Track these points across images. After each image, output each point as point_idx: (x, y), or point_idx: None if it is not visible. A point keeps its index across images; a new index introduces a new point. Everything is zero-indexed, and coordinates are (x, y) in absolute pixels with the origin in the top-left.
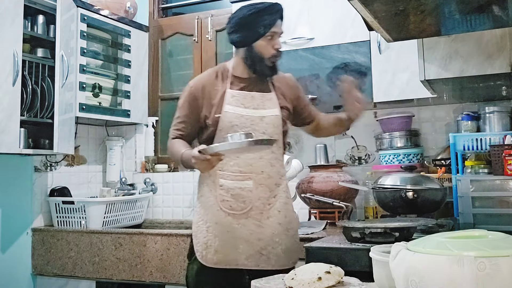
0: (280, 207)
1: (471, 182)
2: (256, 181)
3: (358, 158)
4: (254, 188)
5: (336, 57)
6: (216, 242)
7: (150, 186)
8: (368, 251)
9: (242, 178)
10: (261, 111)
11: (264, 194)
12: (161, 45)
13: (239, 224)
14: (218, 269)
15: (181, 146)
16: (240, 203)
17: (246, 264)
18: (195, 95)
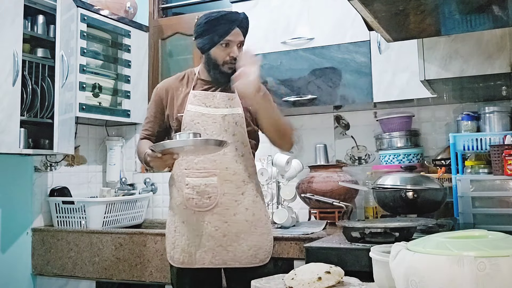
0: (249, 205)
1: (471, 182)
2: (221, 177)
3: (358, 158)
4: (219, 184)
5: (336, 57)
6: (183, 241)
7: (150, 186)
8: (368, 251)
9: (207, 175)
10: (223, 110)
11: (230, 190)
12: (161, 45)
13: (204, 222)
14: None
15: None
16: (205, 199)
17: (213, 262)
18: (160, 96)
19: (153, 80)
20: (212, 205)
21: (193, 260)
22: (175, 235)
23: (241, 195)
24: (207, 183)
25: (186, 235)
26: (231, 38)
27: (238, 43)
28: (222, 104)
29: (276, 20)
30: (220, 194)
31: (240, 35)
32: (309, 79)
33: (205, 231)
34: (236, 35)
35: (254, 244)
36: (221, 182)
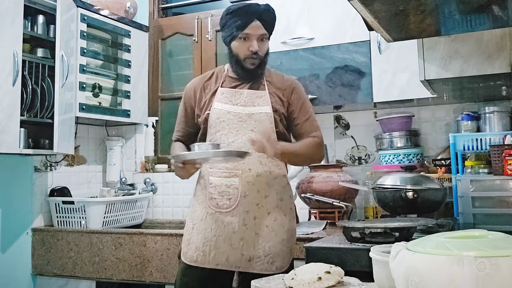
0: (271, 209)
1: (471, 182)
2: (243, 178)
3: (358, 158)
4: (240, 185)
5: (336, 57)
6: (199, 239)
7: (150, 186)
8: (368, 251)
9: (228, 175)
10: (250, 108)
11: (252, 192)
12: (161, 45)
13: (223, 223)
14: (203, 269)
15: (177, 150)
16: (225, 200)
17: (227, 265)
18: (188, 95)
19: (153, 80)
20: (232, 206)
21: (206, 259)
22: (192, 232)
23: (264, 198)
24: (228, 184)
25: (202, 234)
26: (249, 32)
27: (259, 36)
28: (249, 102)
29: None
30: (241, 196)
31: (259, 28)
32: (309, 79)
33: (222, 232)
34: (255, 28)
35: (272, 251)
36: (243, 183)
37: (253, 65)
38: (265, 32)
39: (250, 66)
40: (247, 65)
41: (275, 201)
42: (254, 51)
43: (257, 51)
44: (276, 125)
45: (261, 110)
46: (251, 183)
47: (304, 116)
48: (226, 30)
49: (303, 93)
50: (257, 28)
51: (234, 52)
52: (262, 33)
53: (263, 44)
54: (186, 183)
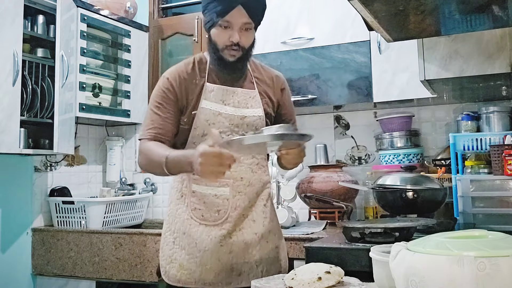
0: (256, 217)
1: (471, 182)
2: (234, 188)
3: (358, 158)
4: (231, 196)
5: (336, 57)
6: (182, 255)
7: (150, 186)
8: (368, 251)
9: (218, 184)
10: (243, 110)
11: (242, 203)
12: (161, 45)
13: (209, 236)
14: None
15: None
16: (213, 212)
17: (215, 283)
18: (172, 85)
19: (153, 80)
20: (221, 219)
21: (192, 278)
22: (174, 248)
23: (250, 207)
24: (217, 194)
25: (186, 249)
26: (231, 19)
27: (241, 25)
28: (243, 103)
29: (276, 20)
30: (231, 208)
31: (243, 16)
32: (309, 79)
33: (209, 246)
34: (238, 16)
35: (264, 260)
36: (233, 194)
37: (233, 57)
38: (250, 21)
39: (229, 58)
40: (226, 57)
41: (261, 207)
42: (235, 42)
43: (238, 42)
44: None
45: (254, 113)
46: (243, 193)
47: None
48: (206, 15)
49: (289, 92)
50: (240, 16)
51: (213, 40)
52: (246, 21)
53: (247, 35)
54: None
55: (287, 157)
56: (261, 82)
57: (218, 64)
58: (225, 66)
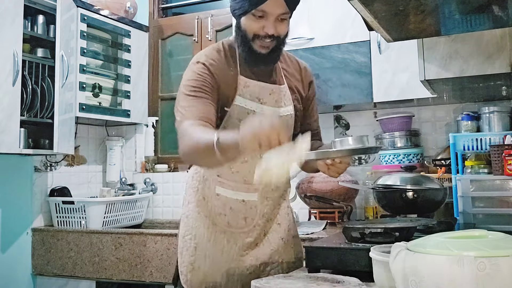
0: (281, 219)
1: (471, 182)
2: (262, 194)
3: (358, 158)
4: (259, 202)
5: (336, 57)
6: (207, 265)
7: (150, 186)
8: (368, 251)
9: (246, 190)
10: (279, 110)
11: (270, 209)
12: (161, 45)
13: (235, 244)
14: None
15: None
16: (240, 219)
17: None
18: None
19: (153, 80)
20: (248, 227)
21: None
22: (196, 254)
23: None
24: (245, 199)
25: (210, 258)
26: (267, 9)
27: (278, 16)
28: (279, 102)
29: None
30: (259, 216)
31: (280, 7)
32: None
33: (233, 254)
34: (274, 5)
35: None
36: (261, 200)
37: (266, 49)
38: (287, 10)
39: (261, 50)
40: (257, 48)
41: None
42: (270, 34)
43: (273, 33)
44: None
45: (287, 111)
46: (270, 199)
47: (316, 114)
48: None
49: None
50: (278, 5)
51: (242, 29)
52: (283, 11)
53: (282, 25)
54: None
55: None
56: (290, 75)
57: (249, 56)
58: (256, 59)
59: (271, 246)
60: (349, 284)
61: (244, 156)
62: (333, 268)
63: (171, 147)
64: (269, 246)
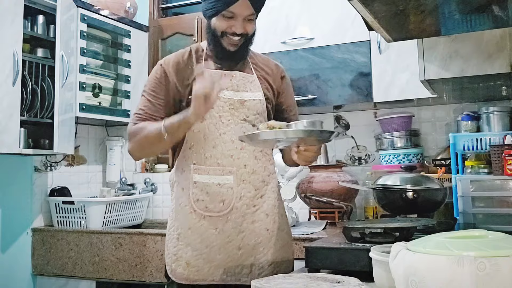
0: (269, 210)
1: (471, 182)
2: (237, 176)
3: (358, 158)
4: (235, 184)
5: (336, 57)
6: (188, 252)
7: (150, 186)
8: (368, 251)
9: (221, 173)
10: (242, 94)
11: (248, 192)
12: (161, 45)
13: (216, 230)
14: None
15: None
16: (218, 202)
17: (224, 279)
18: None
19: None
20: (226, 210)
21: (200, 275)
22: (178, 245)
23: (260, 198)
24: (220, 183)
25: (192, 245)
26: (235, 10)
27: (245, 17)
28: (241, 87)
29: (276, 20)
30: (236, 198)
31: (248, 8)
32: (309, 79)
33: (216, 241)
34: (243, 7)
35: (275, 259)
36: (237, 182)
37: (234, 46)
38: (253, 11)
39: (230, 47)
40: (226, 45)
41: (272, 200)
42: (238, 33)
43: (242, 32)
44: (269, 115)
45: (253, 96)
46: (247, 181)
47: (294, 109)
48: (207, 2)
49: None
50: (246, 7)
51: (212, 27)
52: (250, 13)
53: (250, 25)
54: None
55: (306, 153)
56: (260, 68)
57: (217, 52)
58: (225, 55)
59: (256, 237)
60: (349, 284)
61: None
62: (333, 268)
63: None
64: (254, 236)
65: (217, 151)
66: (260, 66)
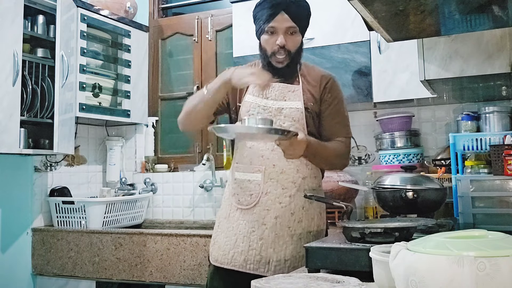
0: (295, 210)
1: (471, 182)
2: (266, 174)
3: (358, 158)
4: (262, 182)
5: (336, 57)
6: (221, 238)
7: (150, 186)
8: (368, 251)
9: (251, 170)
10: (280, 103)
11: (274, 189)
12: (161, 45)
13: (244, 221)
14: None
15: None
16: (247, 196)
17: (244, 266)
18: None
19: (153, 80)
20: (253, 203)
21: (226, 259)
22: (217, 231)
23: (288, 197)
24: (250, 179)
25: (225, 232)
26: (275, 25)
27: (286, 29)
28: (280, 96)
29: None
30: (262, 193)
31: (286, 21)
32: None
33: (242, 230)
34: (281, 21)
35: (294, 256)
36: (265, 180)
37: (281, 63)
38: (293, 24)
39: (277, 64)
40: (274, 63)
41: (302, 202)
42: (281, 45)
43: (284, 45)
44: (307, 124)
45: (292, 105)
46: (275, 180)
47: (336, 117)
48: (255, 23)
49: (338, 92)
50: (284, 20)
51: (263, 47)
52: (290, 25)
53: (292, 38)
54: (186, 183)
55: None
56: (306, 80)
57: (268, 69)
58: (274, 72)
59: (276, 231)
60: (349, 284)
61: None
62: (333, 268)
63: (171, 147)
64: (275, 230)
65: (251, 151)
66: (307, 79)
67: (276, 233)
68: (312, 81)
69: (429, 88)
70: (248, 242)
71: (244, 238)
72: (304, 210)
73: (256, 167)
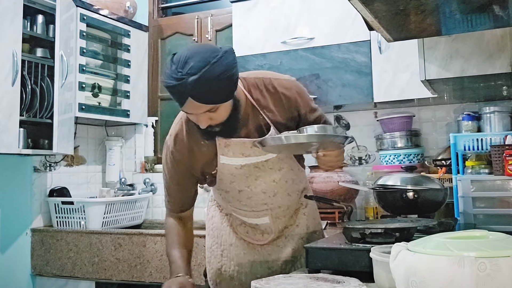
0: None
1: (471, 182)
2: (273, 216)
3: (358, 158)
4: (271, 223)
5: (336, 57)
6: (231, 267)
7: (150, 186)
8: (368, 251)
9: (257, 216)
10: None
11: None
12: (161, 45)
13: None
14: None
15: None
16: (258, 235)
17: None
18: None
19: (152, 80)
20: (267, 240)
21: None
22: (222, 260)
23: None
24: (258, 223)
25: (235, 260)
26: (189, 111)
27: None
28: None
29: (276, 20)
30: (275, 232)
31: (197, 107)
32: (309, 79)
33: (257, 257)
34: (193, 108)
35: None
36: (273, 220)
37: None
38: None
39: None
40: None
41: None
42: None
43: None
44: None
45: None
46: (282, 216)
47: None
48: None
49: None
50: (195, 107)
51: None
52: (204, 110)
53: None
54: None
55: (324, 159)
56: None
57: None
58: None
59: (292, 246)
60: (349, 285)
61: None
62: (333, 268)
63: None
64: (290, 245)
65: (252, 201)
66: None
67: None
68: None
69: (429, 88)
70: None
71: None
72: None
73: (261, 212)
